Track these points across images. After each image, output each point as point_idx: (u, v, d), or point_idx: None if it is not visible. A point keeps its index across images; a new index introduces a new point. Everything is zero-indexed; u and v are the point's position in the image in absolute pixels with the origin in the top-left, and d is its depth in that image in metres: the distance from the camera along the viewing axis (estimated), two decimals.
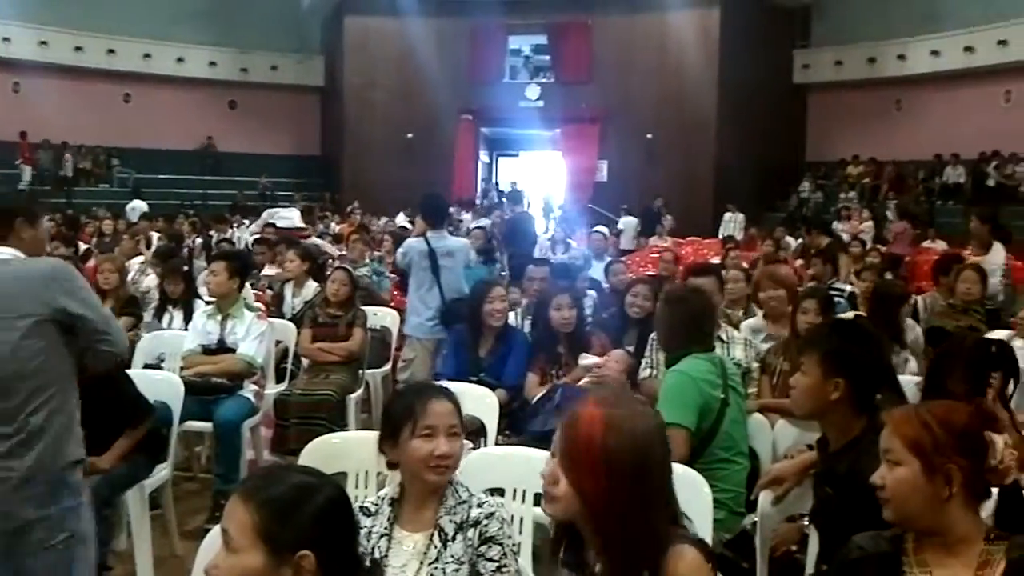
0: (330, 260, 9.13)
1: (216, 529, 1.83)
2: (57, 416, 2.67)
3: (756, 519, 3.26)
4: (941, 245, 16.47)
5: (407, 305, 6.53)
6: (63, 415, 2.70)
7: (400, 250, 6.69)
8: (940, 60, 22.66)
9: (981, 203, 19.58)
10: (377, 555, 2.33)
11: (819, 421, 2.79)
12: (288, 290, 7.05)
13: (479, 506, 2.38)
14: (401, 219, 17.49)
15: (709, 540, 2.37)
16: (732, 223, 20.76)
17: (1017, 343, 4.37)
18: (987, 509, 2.09)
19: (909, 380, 3.92)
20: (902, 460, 1.97)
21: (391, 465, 2.46)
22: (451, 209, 17.92)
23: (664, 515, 1.85)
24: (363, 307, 6.34)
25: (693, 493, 2.73)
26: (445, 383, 3.67)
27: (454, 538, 2.33)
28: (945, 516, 1.94)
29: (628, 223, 18.56)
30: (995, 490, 2.15)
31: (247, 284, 6.05)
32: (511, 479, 3.03)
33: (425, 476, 2.36)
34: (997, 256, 7.40)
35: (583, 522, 1.85)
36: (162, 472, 4.22)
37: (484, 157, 28.23)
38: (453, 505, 2.38)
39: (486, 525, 2.34)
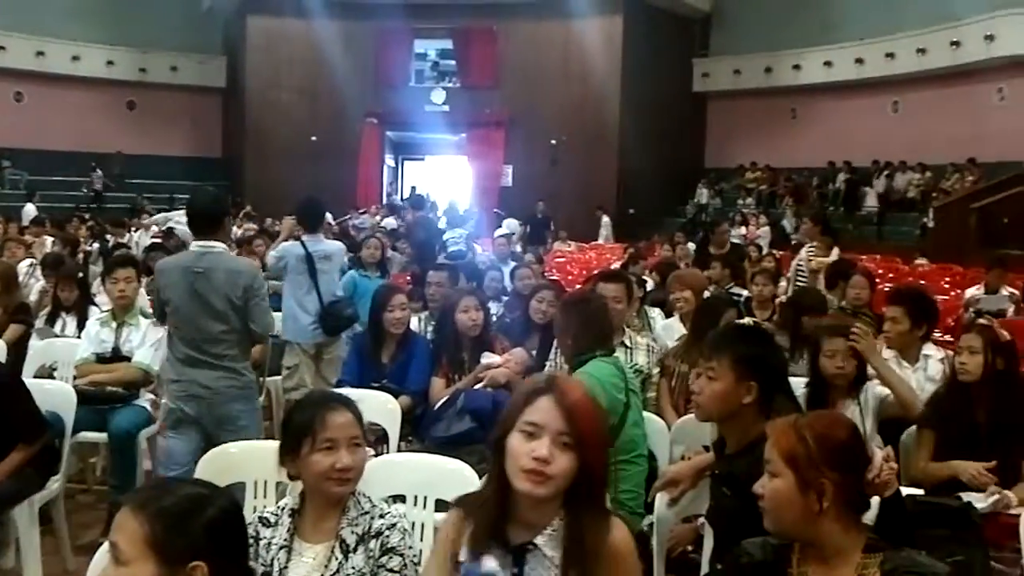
0: None
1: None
2: (247, 357, 4.39)
3: (653, 520, 3.32)
4: (835, 252, 17.02)
5: (283, 311, 6.42)
6: (248, 358, 4.42)
7: (274, 254, 6.61)
8: (833, 70, 23.45)
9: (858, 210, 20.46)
10: (277, 567, 2.30)
11: (721, 424, 2.82)
12: None
13: (381, 517, 2.36)
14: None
15: None
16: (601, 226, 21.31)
17: (887, 353, 4.54)
18: (868, 516, 2.14)
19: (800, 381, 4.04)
20: (779, 472, 2.01)
21: (292, 476, 2.44)
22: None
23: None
24: None
25: None
26: (347, 390, 3.68)
27: (355, 549, 2.31)
28: (818, 529, 1.97)
29: (512, 226, 18.41)
30: (876, 499, 2.23)
31: (143, 290, 5.91)
32: (412, 486, 3.03)
33: (328, 488, 2.34)
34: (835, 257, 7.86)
35: (555, 496, 1.97)
36: (54, 485, 4.10)
37: (390, 161, 28.07)
38: (355, 516, 2.35)
39: (387, 536, 2.32)
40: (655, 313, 6.36)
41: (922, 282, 11.93)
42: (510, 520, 2.03)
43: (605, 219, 21.67)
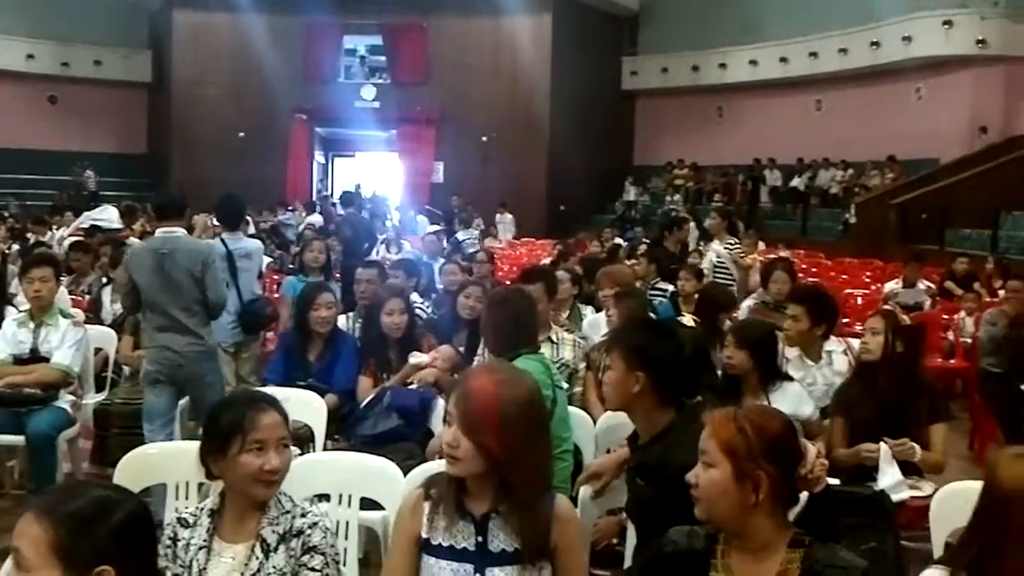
0: None
1: None
2: (208, 324, 5.06)
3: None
4: (760, 245, 17.37)
5: None
6: (209, 325, 5.08)
7: None
8: (758, 69, 23.88)
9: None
10: (196, 568, 2.28)
11: (628, 415, 2.88)
12: (106, 295, 6.77)
13: (303, 516, 2.35)
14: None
15: None
16: (502, 224, 20.66)
17: (790, 352, 4.63)
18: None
19: None
20: (716, 462, 2.02)
21: (212, 476, 2.41)
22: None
23: (549, 461, 2.34)
24: None
25: None
26: (273, 389, 3.66)
27: (276, 549, 2.29)
28: (750, 521, 2.00)
29: (422, 223, 18.23)
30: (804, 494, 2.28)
31: (63, 289, 5.80)
32: (336, 484, 3.03)
33: (254, 491, 2.32)
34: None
35: (480, 476, 2.16)
36: None
37: (320, 157, 27.82)
38: (276, 515, 2.34)
39: (309, 535, 2.31)
40: (588, 310, 6.41)
41: (844, 276, 12.27)
42: (468, 494, 2.21)
43: (508, 216, 21.03)
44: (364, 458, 3.18)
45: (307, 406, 4.01)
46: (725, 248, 8.25)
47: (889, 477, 3.55)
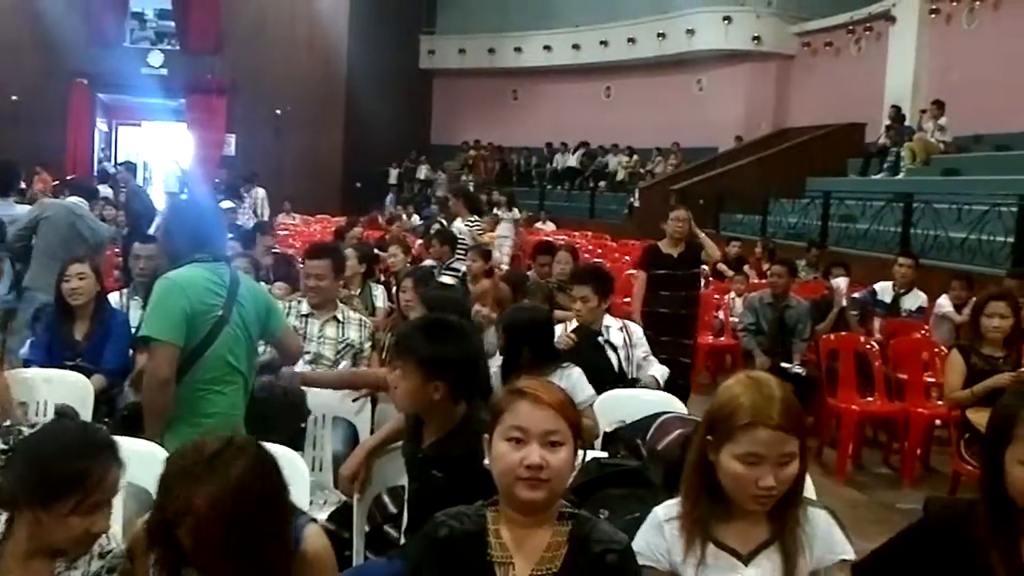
0: None
1: None
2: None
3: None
4: (550, 226, 17.88)
5: None
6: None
7: None
8: (552, 55, 24.44)
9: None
10: None
11: (424, 417, 2.89)
12: None
13: (101, 557, 2.12)
14: None
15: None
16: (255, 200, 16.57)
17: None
18: None
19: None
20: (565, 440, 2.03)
21: (7, 508, 2.09)
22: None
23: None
24: None
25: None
26: (36, 370, 3.49)
27: None
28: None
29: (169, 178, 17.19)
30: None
31: None
32: None
33: (69, 548, 2.06)
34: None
35: None
36: None
37: (102, 125, 26.29)
38: (74, 556, 2.09)
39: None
40: (379, 291, 6.44)
41: (627, 257, 12.83)
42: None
43: (260, 191, 16.36)
44: (125, 441, 3.07)
45: (73, 388, 3.85)
46: (466, 226, 8.43)
47: None
